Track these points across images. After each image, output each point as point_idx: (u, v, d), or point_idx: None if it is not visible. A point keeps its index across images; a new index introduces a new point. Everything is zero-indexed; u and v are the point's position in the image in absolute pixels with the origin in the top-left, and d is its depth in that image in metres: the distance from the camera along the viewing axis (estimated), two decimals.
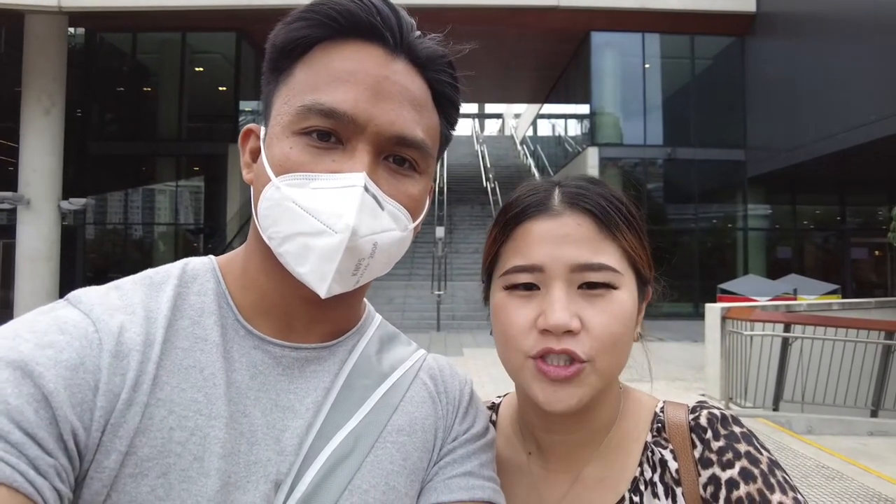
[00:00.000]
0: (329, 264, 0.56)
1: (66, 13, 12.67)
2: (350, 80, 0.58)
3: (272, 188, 0.58)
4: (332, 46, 0.60)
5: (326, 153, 0.58)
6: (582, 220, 0.69)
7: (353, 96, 0.58)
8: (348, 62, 0.59)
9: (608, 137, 16.05)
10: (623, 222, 0.70)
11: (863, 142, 10.40)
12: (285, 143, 0.59)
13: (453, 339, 11.48)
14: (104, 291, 0.60)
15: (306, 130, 0.58)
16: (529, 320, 0.68)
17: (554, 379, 0.66)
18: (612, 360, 0.68)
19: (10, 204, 12.54)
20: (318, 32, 0.60)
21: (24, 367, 0.49)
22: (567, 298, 0.67)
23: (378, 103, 0.59)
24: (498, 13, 14.10)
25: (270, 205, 0.59)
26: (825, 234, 17.34)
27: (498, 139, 33.07)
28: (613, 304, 0.67)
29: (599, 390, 0.69)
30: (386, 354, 0.72)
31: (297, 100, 0.59)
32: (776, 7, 13.87)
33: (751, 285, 10.33)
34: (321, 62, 0.60)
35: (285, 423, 0.61)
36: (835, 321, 6.60)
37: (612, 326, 0.67)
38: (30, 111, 12.70)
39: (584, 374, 0.67)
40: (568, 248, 0.68)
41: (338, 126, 0.58)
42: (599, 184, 0.74)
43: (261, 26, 14.32)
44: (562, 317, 0.65)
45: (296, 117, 0.59)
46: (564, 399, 0.67)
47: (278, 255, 0.59)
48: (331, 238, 0.55)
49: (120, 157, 17.12)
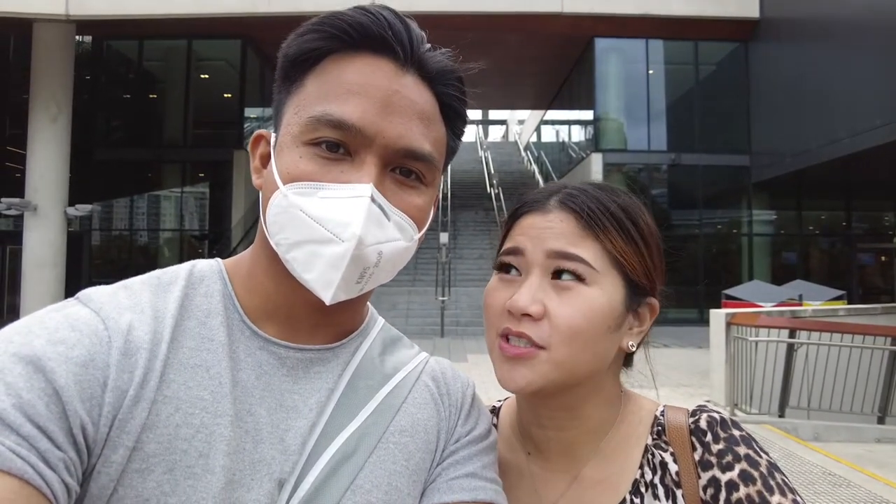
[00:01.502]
0: (335, 272, 0.58)
1: (74, 21, 12.79)
2: (360, 93, 0.60)
3: (280, 195, 0.60)
4: (342, 59, 0.62)
5: (335, 164, 0.60)
6: (566, 217, 0.73)
7: (362, 109, 0.59)
8: (359, 75, 0.61)
9: (612, 143, 16.05)
10: (612, 224, 0.72)
11: (869, 147, 10.37)
12: (295, 152, 0.60)
13: (457, 345, 11.46)
14: (113, 291, 0.61)
15: (316, 141, 0.60)
16: (504, 301, 0.72)
17: (509, 357, 0.70)
18: (569, 352, 0.69)
19: (18, 210, 12.63)
20: (329, 45, 0.62)
21: (36, 363, 0.50)
22: (537, 286, 0.70)
23: (387, 116, 0.60)
24: (502, 19, 14.16)
25: (278, 212, 0.60)
26: (831, 239, 17.28)
27: (502, 145, 33.11)
28: (580, 299, 0.69)
29: (557, 382, 0.70)
30: (389, 357, 0.73)
31: (308, 111, 0.60)
32: (780, 13, 13.88)
33: (756, 291, 10.27)
34: (332, 74, 0.61)
35: (289, 422, 0.62)
36: (841, 327, 6.56)
37: (574, 319, 0.69)
38: (37, 118, 12.80)
39: (537, 360, 0.69)
40: (548, 237, 0.72)
41: (347, 137, 0.59)
42: (605, 189, 0.77)
43: (266, 33, 14.44)
44: (523, 300, 0.69)
45: (306, 128, 0.60)
46: (516, 378, 0.70)
47: (285, 261, 0.61)
48: (337, 246, 0.57)
49: (125, 163, 17.21)
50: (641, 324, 0.76)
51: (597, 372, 0.74)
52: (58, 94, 12.91)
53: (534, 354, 0.69)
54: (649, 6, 14.36)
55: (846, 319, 7.43)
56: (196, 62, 16.97)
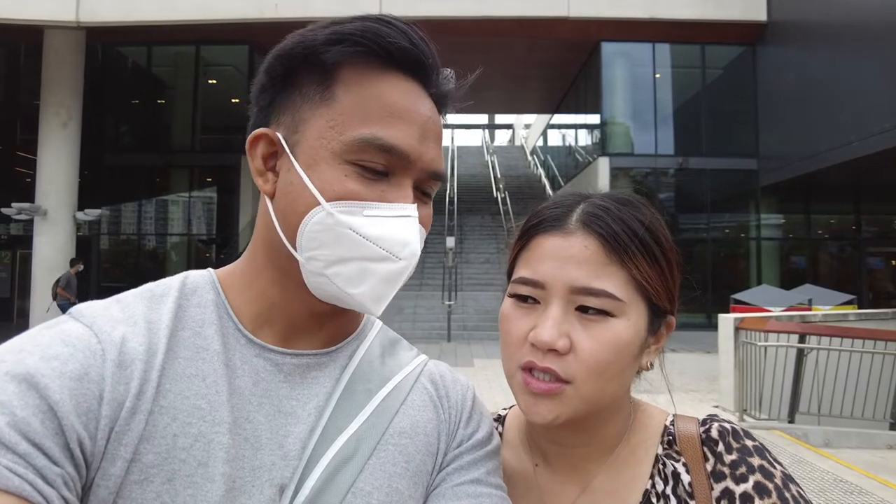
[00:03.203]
0: (390, 288, 0.62)
1: (84, 28, 12.93)
2: (404, 118, 0.62)
3: (323, 213, 0.59)
4: (376, 76, 0.62)
5: (376, 183, 0.61)
6: (590, 243, 0.69)
7: (408, 135, 0.62)
8: (400, 98, 0.62)
9: (619, 147, 16.02)
10: (639, 249, 0.69)
11: (878, 150, 10.30)
12: (338, 170, 0.60)
13: (464, 349, 11.44)
14: (106, 305, 0.61)
15: (362, 162, 0.60)
16: (524, 332, 0.69)
17: (535, 391, 0.68)
18: (596, 386, 0.67)
19: (28, 215, 12.75)
20: (367, 60, 0.61)
21: (29, 380, 0.50)
22: (561, 318, 0.67)
23: (424, 142, 0.63)
24: (507, 24, 14.18)
25: (321, 229, 0.60)
26: (840, 243, 17.13)
27: (508, 149, 33.13)
28: (607, 332, 0.67)
29: (584, 413, 0.69)
30: (387, 359, 0.73)
31: (351, 129, 0.60)
32: (787, 16, 13.82)
33: (764, 295, 10.20)
34: (369, 91, 0.61)
35: (288, 428, 0.62)
36: (851, 332, 6.49)
37: (601, 354, 0.66)
38: (48, 124, 12.93)
39: (565, 395, 0.67)
40: (571, 268, 0.68)
41: (391, 161, 0.61)
42: (629, 205, 0.72)
43: (273, 38, 14.24)
44: (549, 335, 0.66)
45: (351, 147, 0.60)
46: (542, 412, 0.68)
47: (318, 275, 0.61)
48: (394, 264, 0.61)
49: (134, 168, 17.35)
50: (658, 341, 0.75)
51: (621, 397, 0.74)
52: (68, 100, 13.04)
53: (560, 390, 0.67)
54: (656, 10, 14.34)
55: (856, 324, 7.35)
56: (204, 67, 17.10)
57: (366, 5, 13.12)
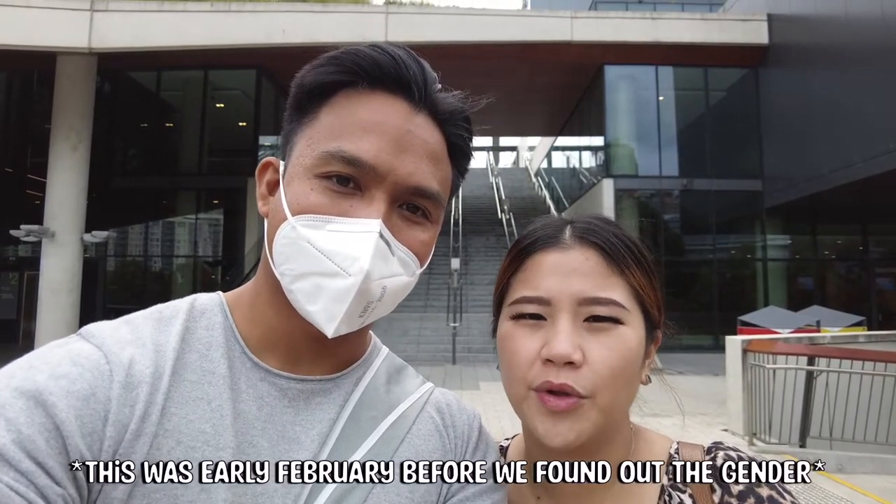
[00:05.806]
0: (340, 305, 0.58)
1: (96, 54, 13.17)
2: (374, 131, 0.61)
3: (288, 227, 0.60)
4: (358, 95, 0.62)
5: (345, 198, 0.60)
6: (590, 255, 0.70)
7: (376, 147, 0.60)
8: (374, 113, 0.61)
9: (623, 169, 16.09)
10: (632, 259, 0.70)
11: (884, 171, 10.29)
12: (306, 184, 0.61)
13: (469, 372, 11.35)
14: (115, 326, 0.62)
15: (327, 174, 0.60)
16: (534, 350, 0.68)
17: (553, 410, 0.66)
18: (613, 395, 0.67)
19: (36, 237, 12.84)
20: (346, 79, 0.62)
21: (37, 397, 0.50)
22: (572, 330, 0.67)
23: (399, 155, 0.61)
24: (511, 48, 14.38)
25: (286, 242, 0.60)
26: (847, 263, 17.02)
27: (513, 171, 33.33)
28: (618, 340, 0.67)
29: (602, 427, 0.68)
30: (393, 387, 0.73)
31: (321, 144, 0.61)
32: (788, 38, 13.97)
33: (772, 317, 10.10)
34: (347, 109, 0.62)
35: (291, 454, 0.61)
36: (862, 354, 6.39)
37: (614, 361, 0.66)
38: (58, 148, 13.10)
39: (584, 409, 0.66)
40: (575, 281, 0.68)
41: (358, 173, 0.60)
42: (611, 223, 0.75)
43: (280, 63, 14.76)
44: (565, 347, 0.65)
45: (318, 161, 0.60)
46: (563, 433, 0.66)
47: (288, 291, 0.61)
48: (344, 280, 0.57)
49: (141, 190, 17.51)
50: (649, 356, 0.75)
51: (623, 416, 0.73)
52: (78, 124, 13.23)
53: (579, 405, 0.66)
54: (658, 34, 14.53)
55: (867, 346, 7.25)
56: (212, 91, 17.36)
57: (371, 31, 13.35)
